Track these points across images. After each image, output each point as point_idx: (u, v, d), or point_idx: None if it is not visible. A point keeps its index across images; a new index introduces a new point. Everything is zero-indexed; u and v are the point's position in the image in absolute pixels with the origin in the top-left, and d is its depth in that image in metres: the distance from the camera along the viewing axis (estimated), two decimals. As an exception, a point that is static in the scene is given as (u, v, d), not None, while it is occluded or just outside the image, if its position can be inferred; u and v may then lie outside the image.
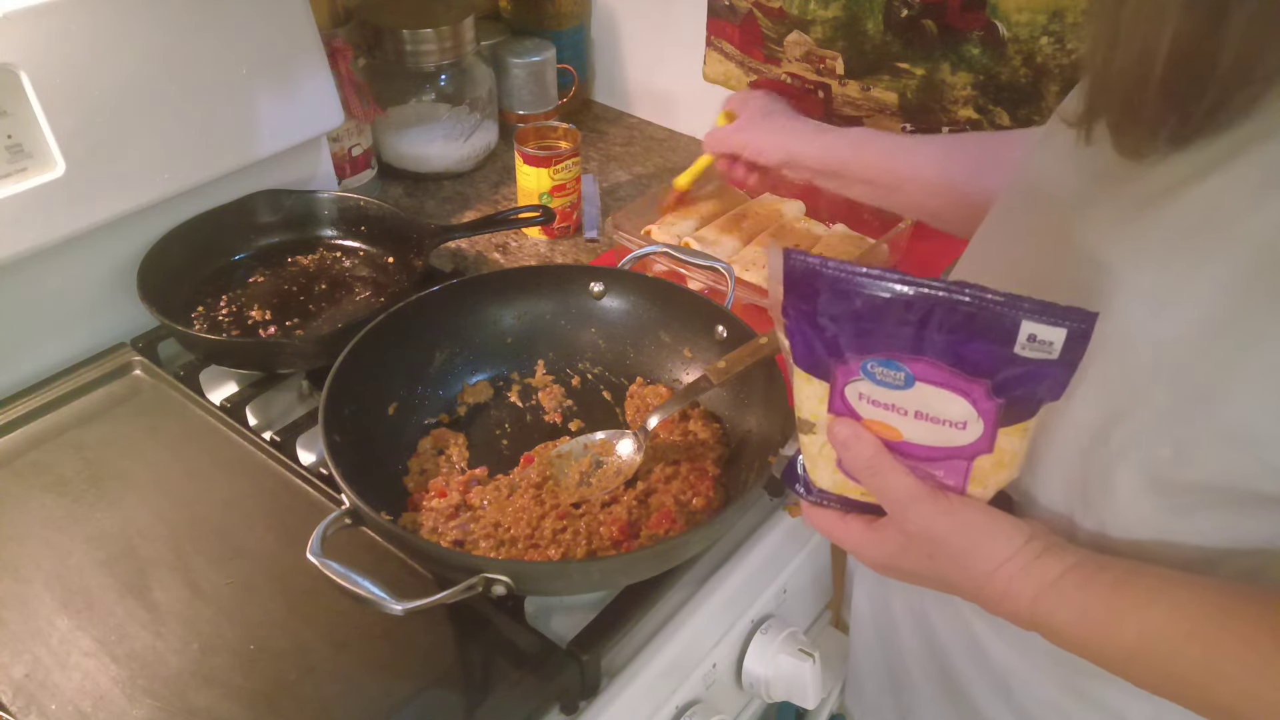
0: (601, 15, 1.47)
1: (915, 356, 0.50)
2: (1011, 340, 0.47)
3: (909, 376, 0.50)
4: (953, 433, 0.52)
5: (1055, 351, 0.47)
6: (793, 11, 1.21)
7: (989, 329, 0.47)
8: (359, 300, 1.02)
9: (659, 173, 1.36)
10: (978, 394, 0.50)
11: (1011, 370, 0.48)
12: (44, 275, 0.91)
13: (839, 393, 0.53)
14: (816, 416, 0.56)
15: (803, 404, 0.56)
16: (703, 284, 1.01)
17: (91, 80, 0.88)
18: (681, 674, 0.74)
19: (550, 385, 0.91)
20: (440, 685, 0.67)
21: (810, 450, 0.58)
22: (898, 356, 0.50)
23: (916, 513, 0.54)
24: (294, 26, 1.04)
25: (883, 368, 0.51)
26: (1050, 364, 0.47)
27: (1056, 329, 0.46)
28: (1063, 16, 1.01)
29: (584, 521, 0.76)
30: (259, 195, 1.07)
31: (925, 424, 0.52)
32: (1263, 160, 0.46)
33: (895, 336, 0.49)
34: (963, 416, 0.51)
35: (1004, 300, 0.46)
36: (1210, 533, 0.52)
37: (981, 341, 0.48)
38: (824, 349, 0.52)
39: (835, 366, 0.52)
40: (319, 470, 0.82)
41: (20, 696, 0.64)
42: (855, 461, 0.55)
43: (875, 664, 0.82)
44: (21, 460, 0.83)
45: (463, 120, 1.29)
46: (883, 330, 0.49)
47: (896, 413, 0.52)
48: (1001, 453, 0.52)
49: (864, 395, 0.53)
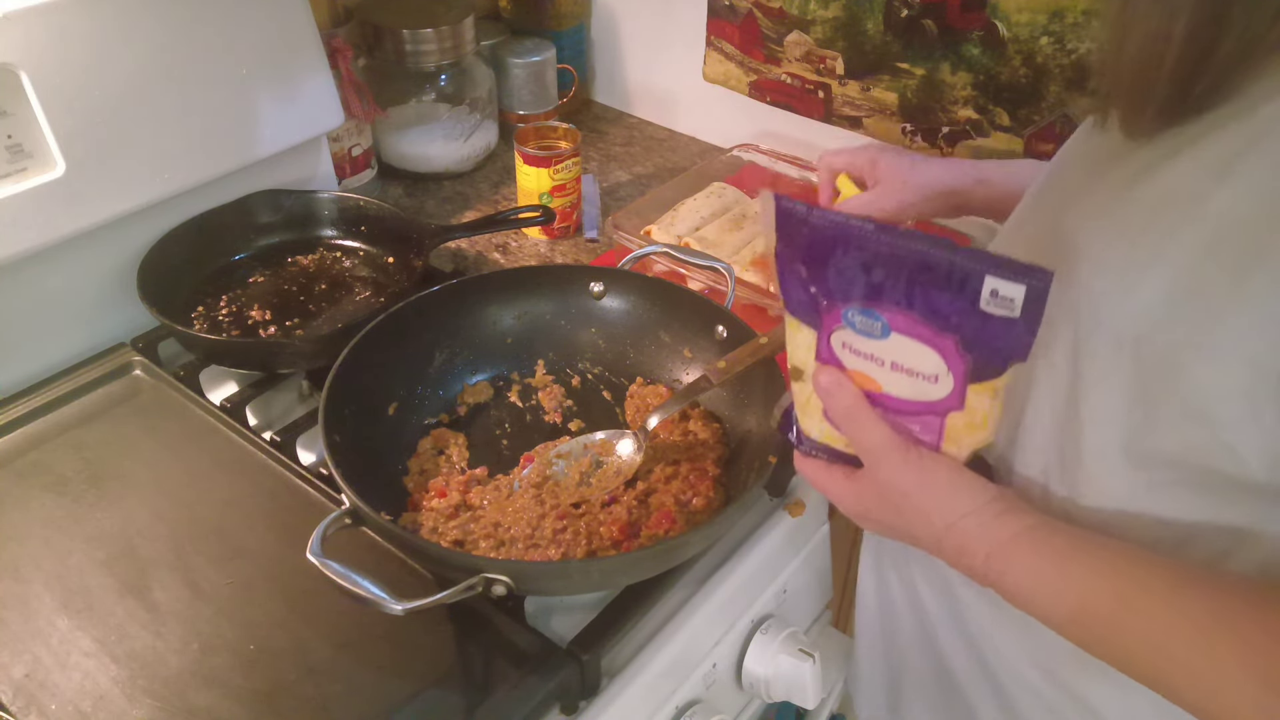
0: (601, 15, 1.47)
1: (891, 307, 0.51)
2: (976, 295, 0.49)
3: (885, 326, 0.52)
4: (926, 386, 0.54)
5: (1016, 309, 0.49)
6: (793, 11, 1.20)
7: (955, 283, 0.49)
8: (359, 300, 1.02)
9: (659, 173, 1.36)
10: (948, 348, 0.52)
11: (977, 326, 0.50)
12: (44, 275, 0.91)
13: (825, 340, 0.55)
14: (805, 364, 0.58)
15: (794, 351, 0.58)
16: (703, 284, 1.01)
17: (91, 80, 0.88)
18: (681, 674, 0.74)
19: (550, 385, 0.91)
20: (440, 685, 0.67)
21: (800, 399, 0.60)
22: (875, 306, 0.52)
23: (888, 463, 0.56)
24: (294, 26, 1.04)
25: (862, 316, 0.53)
26: (1013, 322, 0.49)
27: (1016, 285, 0.48)
28: (1063, 16, 1.01)
29: (584, 521, 0.76)
30: (259, 195, 1.07)
31: (901, 376, 0.54)
32: (1228, 139, 0.47)
33: (872, 285, 0.51)
34: (934, 370, 0.53)
35: (969, 255, 0.48)
36: (1179, 512, 0.53)
37: (949, 295, 0.50)
38: (811, 295, 0.54)
39: (822, 314, 0.54)
40: (319, 470, 0.82)
41: (20, 696, 0.64)
42: (836, 409, 0.56)
43: (874, 636, 0.83)
44: (21, 460, 0.83)
45: (463, 120, 1.29)
46: (861, 279, 0.51)
47: (875, 363, 0.54)
48: (973, 412, 0.54)
49: (847, 344, 0.55)
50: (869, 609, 0.82)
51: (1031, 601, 0.53)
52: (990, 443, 0.55)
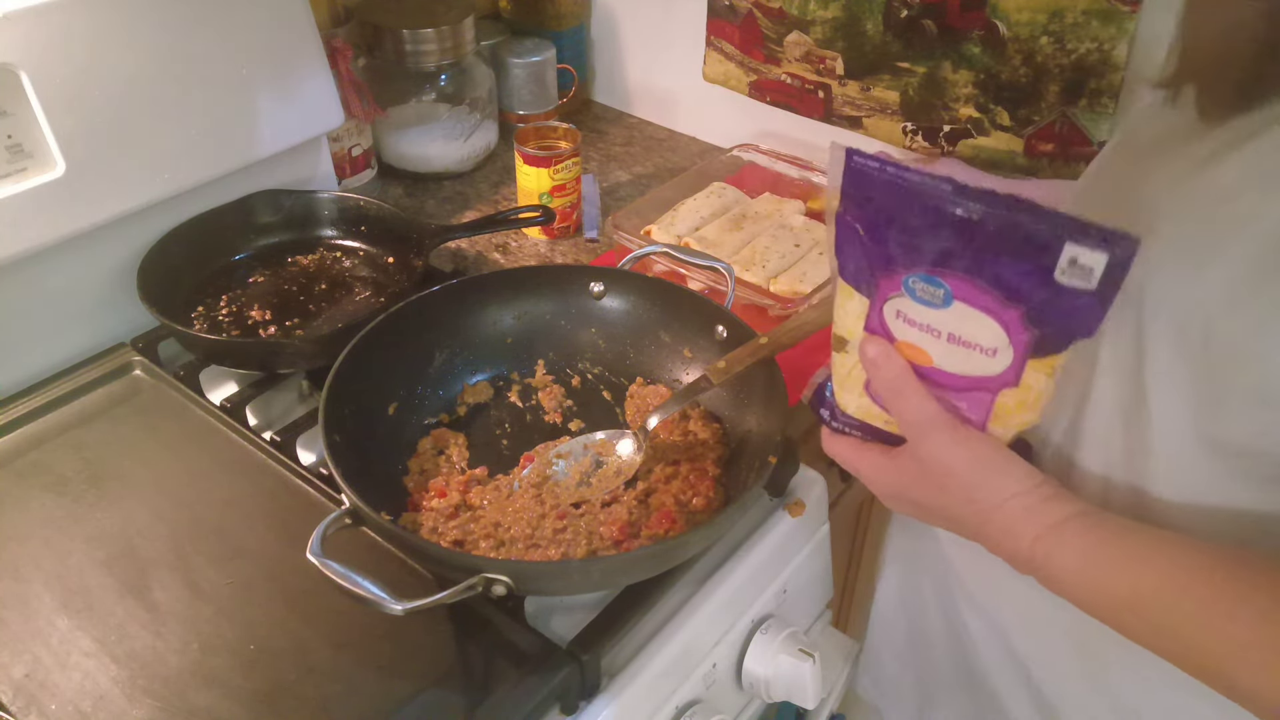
0: (601, 15, 1.47)
1: (958, 273, 0.50)
2: (1053, 264, 0.47)
3: (948, 294, 0.51)
4: (982, 360, 0.52)
5: (1094, 281, 0.47)
6: (793, 11, 1.20)
7: (1033, 249, 0.47)
8: (359, 300, 1.02)
9: (659, 173, 1.36)
10: (1013, 321, 0.50)
11: (1048, 297, 0.48)
12: (44, 275, 0.91)
13: (878, 310, 0.54)
14: (852, 334, 0.56)
15: (841, 320, 0.56)
16: (703, 284, 1.01)
17: (91, 80, 0.88)
18: (681, 674, 0.74)
19: (550, 385, 0.91)
20: (440, 685, 0.67)
21: (840, 371, 0.58)
22: (940, 272, 0.50)
23: (934, 440, 0.54)
24: (294, 26, 1.04)
25: (924, 283, 0.51)
26: (1087, 295, 0.47)
27: (1098, 254, 0.46)
28: (1063, 16, 1.01)
29: (584, 521, 0.76)
30: (259, 195, 1.07)
31: (957, 349, 0.52)
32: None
33: (942, 250, 0.50)
34: (994, 342, 0.51)
35: (1052, 218, 0.47)
36: (1250, 503, 0.52)
37: (1024, 263, 0.48)
38: (870, 260, 0.52)
39: (878, 280, 0.53)
40: (319, 470, 0.82)
41: (20, 696, 0.64)
42: (881, 381, 0.55)
43: (899, 644, 0.82)
44: (21, 460, 0.83)
45: (463, 120, 1.29)
46: (930, 241, 0.50)
47: (930, 334, 0.53)
48: (1026, 390, 0.52)
49: (901, 313, 0.53)
50: (889, 611, 0.82)
51: (1078, 586, 0.51)
52: (1035, 423, 0.55)
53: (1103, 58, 1.00)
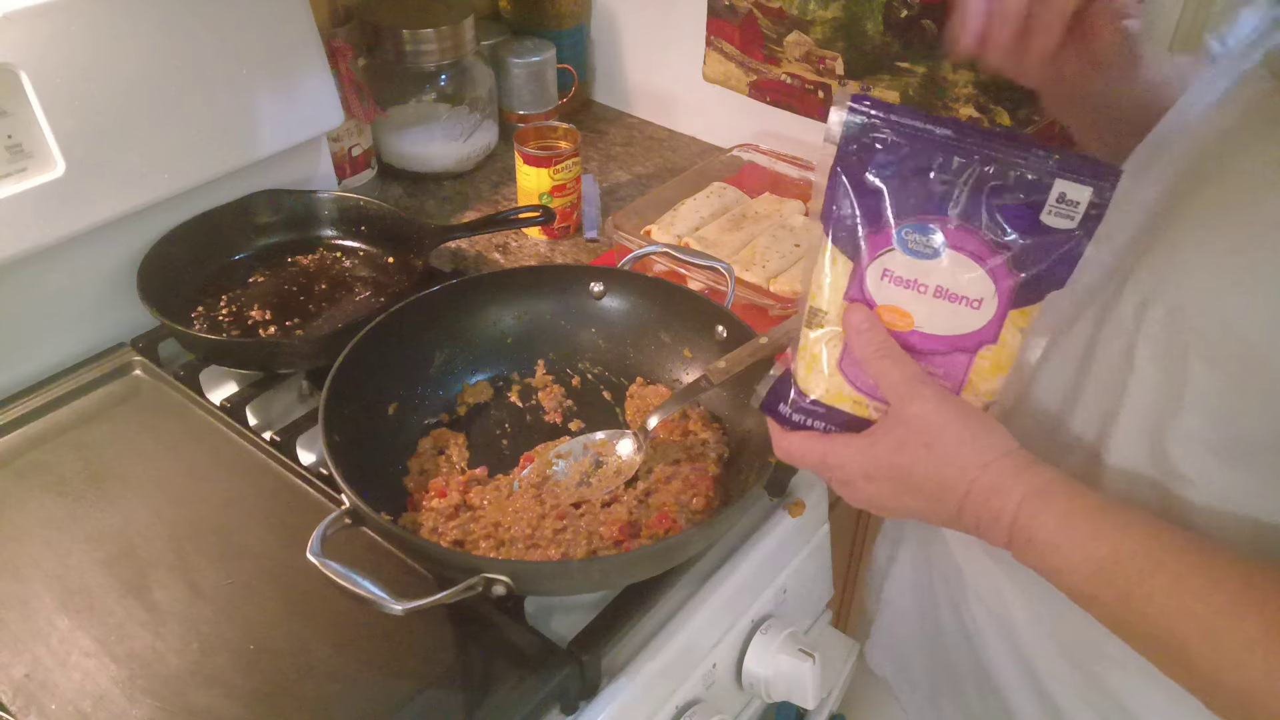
0: (601, 15, 1.47)
1: (951, 219, 0.52)
2: (1043, 202, 0.50)
3: (942, 242, 0.52)
4: (968, 314, 0.53)
5: (1077, 218, 0.50)
6: (793, 11, 1.20)
7: (1025, 186, 0.50)
8: (359, 300, 1.02)
9: (659, 173, 1.36)
10: (999, 267, 0.52)
11: (1035, 238, 0.51)
12: (44, 275, 0.91)
13: (861, 274, 0.55)
14: (831, 305, 0.56)
15: (820, 291, 0.56)
16: (703, 284, 1.01)
17: (91, 80, 0.88)
18: (681, 674, 0.74)
19: (550, 385, 0.91)
20: (440, 685, 0.67)
21: (811, 349, 0.57)
22: (932, 218, 0.52)
23: (922, 396, 0.54)
24: (294, 26, 1.04)
25: (917, 234, 0.52)
26: (1069, 236, 0.50)
27: (1083, 187, 0.49)
28: (1063, 16, 1.01)
29: (584, 521, 0.76)
30: (259, 195, 1.07)
31: (943, 304, 0.53)
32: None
33: (938, 194, 0.51)
34: (980, 293, 0.53)
35: (1043, 155, 0.50)
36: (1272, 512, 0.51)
37: (1015, 202, 0.51)
38: (864, 214, 0.53)
39: (868, 237, 0.54)
40: (319, 470, 0.82)
41: (20, 696, 0.64)
42: (867, 346, 0.55)
43: (913, 635, 0.82)
44: (21, 460, 0.83)
45: (463, 120, 1.29)
46: (926, 187, 0.51)
47: (916, 291, 0.54)
48: (1003, 346, 0.54)
49: (888, 272, 0.54)
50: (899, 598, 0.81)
51: (1056, 551, 0.51)
52: (996, 398, 0.55)
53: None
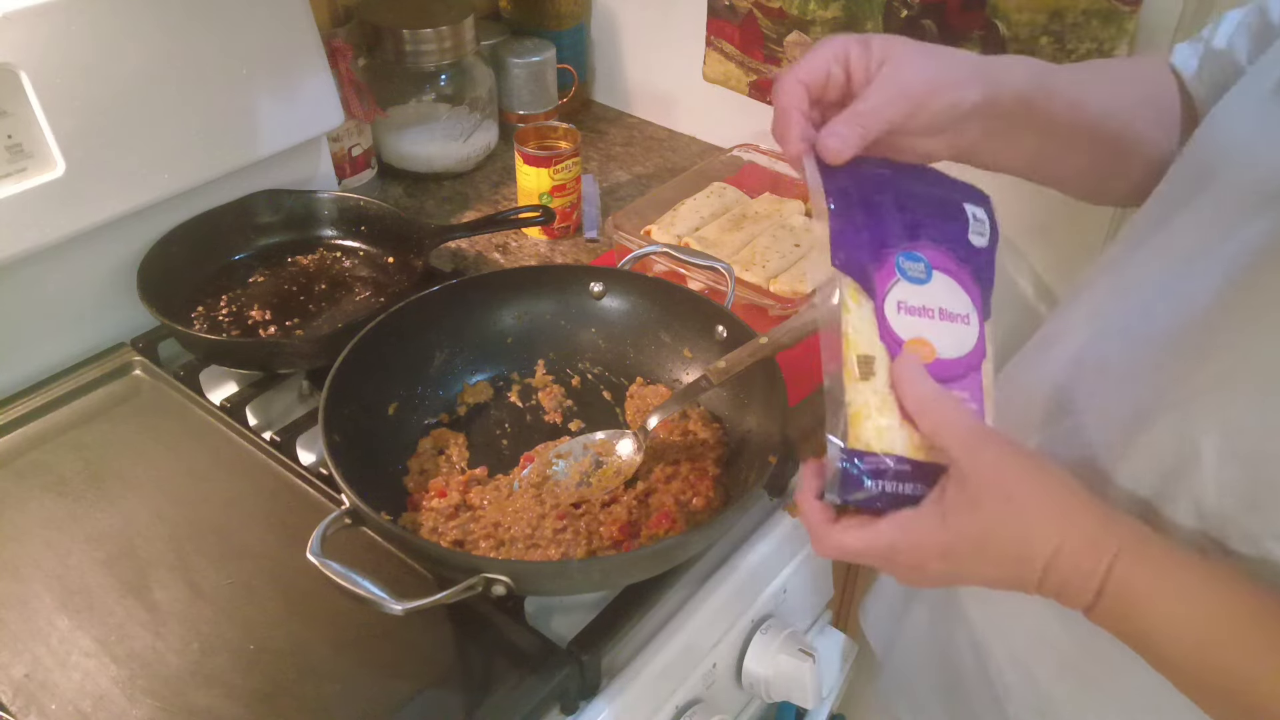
0: (601, 15, 1.47)
1: (927, 243, 0.53)
2: (966, 224, 0.53)
3: (928, 266, 0.53)
4: (964, 331, 0.54)
5: (986, 236, 0.54)
6: (793, 11, 1.20)
7: (952, 210, 0.53)
8: (359, 300, 1.02)
9: (659, 173, 1.36)
10: (967, 280, 0.54)
11: (973, 255, 0.54)
12: (44, 275, 0.91)
13: (882, 309, 0.52)
14: (875, 348, 0.51)
15: (859, 337, 0.51)
16: (703, 284, 1.01)
17: (91, 80, 0.88)
18: (681, 674, 0.74)
19: (550, 385, 0.91)
20: (440, 685, 0.67)
21: (870, 402, 0.51)
22: (916, 246, 0.53)
23: (992, 443, 0.49)
24: (294, 26, 1.04)
25: (909, 261, 0.53)
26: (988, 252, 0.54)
27: (980, 208, 0.53)
28: (1063, 16, 1.01)
29: (584, 521, 0.76)
30: (259, 195, 1.07)
31: (947, 326, 0.53)
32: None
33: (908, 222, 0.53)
34: (965, 308, 0.54)
35: (943, 181, 0.54)
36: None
37: (952, 224, 0.53)
38: (868, 248, 0.53)
39: (874, 271, 0.52)
40: (319, 470, 0.82)
41: (20, 696, 0.64)
42: (923, 395, 0.50)
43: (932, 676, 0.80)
44: (21, 460, 0.83)
45: (463, 120, 1.29)
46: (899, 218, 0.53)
47: (926, 316, 0.53)
48: (989, 361, 0.54)
49: (902, 304, 0.52)
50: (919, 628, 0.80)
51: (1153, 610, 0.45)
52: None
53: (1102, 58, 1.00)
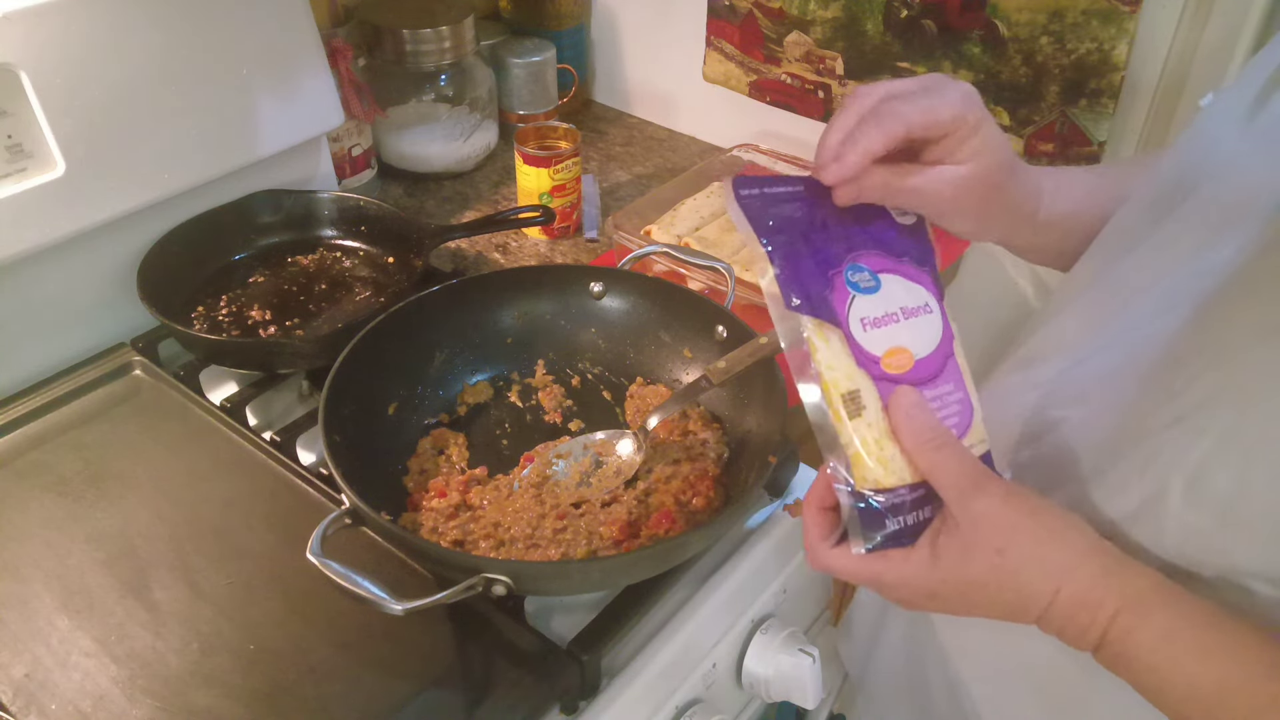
0: (601, 15, 1.47)
1: (863, 251, 0.53)
2: (884, 210, 0.54)
3: (872, 273, 0.53)
4: (930, 321, 0.53)
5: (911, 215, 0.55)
6: (793, 12, 1.20)
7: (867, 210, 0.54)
8: (359, 300, 1.02)
9: (659, 173, 1.36)
10: (908, 269, 0.54)
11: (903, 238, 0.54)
12: (44, 275, 0.91)
13: (849, 334, 0.50)
14: (856, 381, 0.50)
15: (836, 375, 0.50)
16: (703, 284, 1.01)
17: (91, 80, 0.88)
18: (681, 674, 0.74)
19: (550, 385, 0.91)
20: (440, 685, 0.67)
21: (868, 438, 0.50)
22: (855, 257, 0.53)
23: (986, 491, 0.48)
24: (294, 26, 1.04)
25: (855, 273, 0.53)
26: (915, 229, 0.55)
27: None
28: (1063, 16, 1.01)
29: (584, 521, 0.76)
30: (259, 195, 1.07)
31: (912, 322, 0.53)
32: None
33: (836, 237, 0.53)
34: (921, 298, 0.54)
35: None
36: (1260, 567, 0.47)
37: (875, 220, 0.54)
38: (811, 271, 0.52)
39: (829, 295, 0.51)
40: (319, 470, 0.82)
41: (20, 696, 0.64)
42: (919, 434, 0.48)
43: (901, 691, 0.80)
44: (21, 460, 0.83)
45: (463, 120, 1.29)
46: (826, 234, 0.53)
47: (891, 322, 0.51)
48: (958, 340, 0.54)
49: (865, 319, 0.51)
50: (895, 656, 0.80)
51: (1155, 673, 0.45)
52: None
53: (1103, 58, 1.00)
